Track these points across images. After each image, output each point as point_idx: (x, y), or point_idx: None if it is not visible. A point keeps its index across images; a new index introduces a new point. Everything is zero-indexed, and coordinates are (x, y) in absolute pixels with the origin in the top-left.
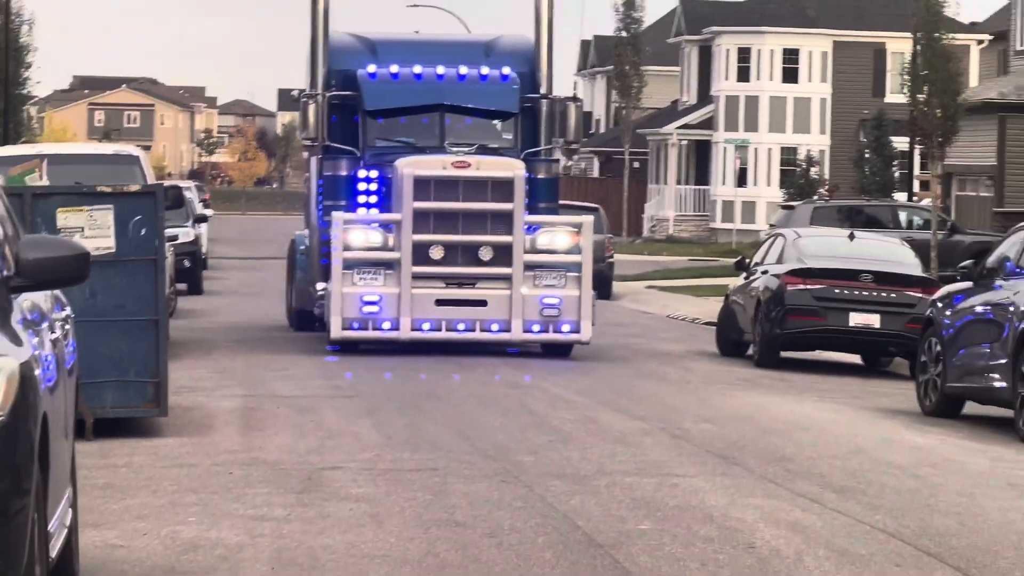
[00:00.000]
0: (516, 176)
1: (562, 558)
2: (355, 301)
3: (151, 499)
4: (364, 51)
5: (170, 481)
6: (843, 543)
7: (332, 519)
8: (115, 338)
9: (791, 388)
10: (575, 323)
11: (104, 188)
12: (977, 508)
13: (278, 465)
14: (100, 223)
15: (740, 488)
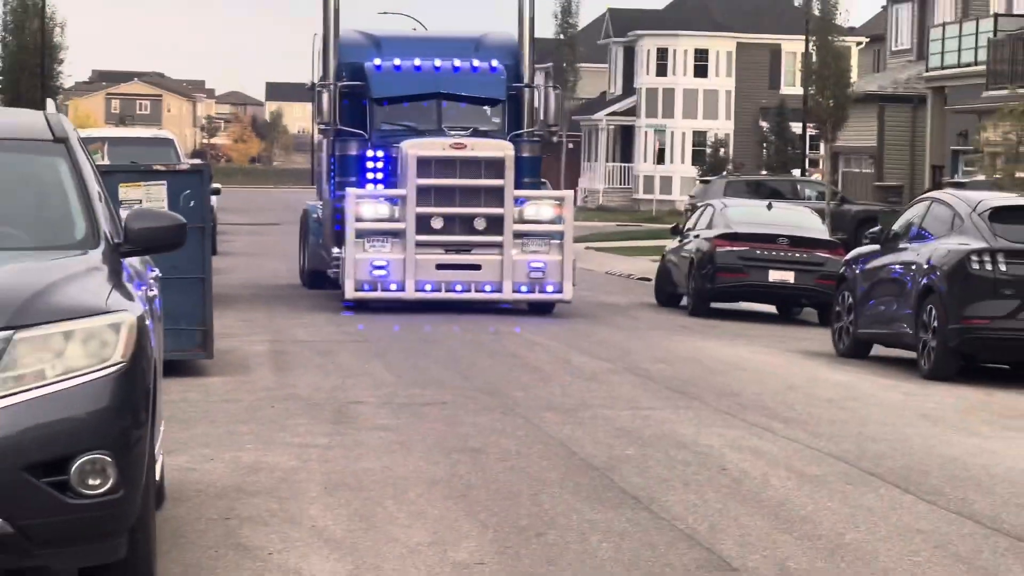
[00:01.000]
0: (506, 156)
1: (567, 479)
2: (366, 266)
3: (210, 429)
4: (370, 46)
5: (223, 414)
6: (799, 465)
7: (366, 446)
8: (169, 293)
9: (723, 333)
10: (558, 284)
11: (159, 167)
12: (901, 435)
13: (311, 400)
14: (155, 196)
15: (702, 419)
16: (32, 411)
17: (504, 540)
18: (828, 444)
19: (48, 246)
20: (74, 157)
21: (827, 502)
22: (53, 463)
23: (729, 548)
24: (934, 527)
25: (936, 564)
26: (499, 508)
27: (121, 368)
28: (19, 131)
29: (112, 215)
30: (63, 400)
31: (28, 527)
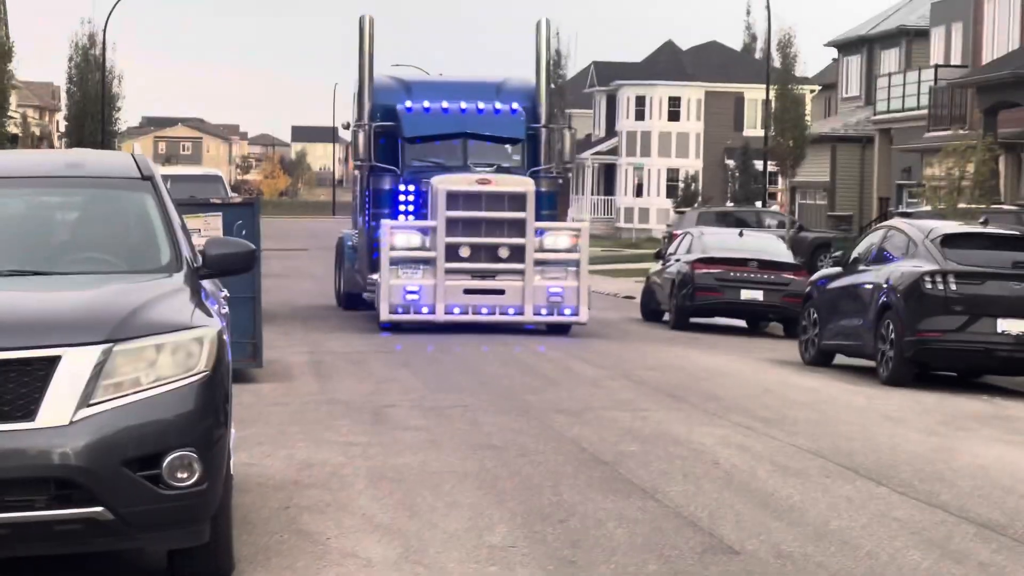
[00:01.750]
0: (528, 191)
1: (580, 472)
2: (399, 291)
3: (264, 429)
4: (401, 90)
5: (274, 416)
6: (782, 461)
7: (402, 444)
8: None
9: (702, 344)
10: (575, 307)
11: (216, 200)
12: (869, 434)
13: (350, 403)
14: (212, 225)
15: (693, 419)
16: (129, 414)
17: (531, 526)
18: (805, 441)
19: (138, 270)
20: (159, 193)
21: (811, 493)
22: (147, 459)
23: (729, 533)
24: (908, 516)
25: (913, 548)
26: (524, 498)
27: (204, 376)
28: (112, 170)
29: (190, 242)
30: (155, 404)
31: (127, 514)
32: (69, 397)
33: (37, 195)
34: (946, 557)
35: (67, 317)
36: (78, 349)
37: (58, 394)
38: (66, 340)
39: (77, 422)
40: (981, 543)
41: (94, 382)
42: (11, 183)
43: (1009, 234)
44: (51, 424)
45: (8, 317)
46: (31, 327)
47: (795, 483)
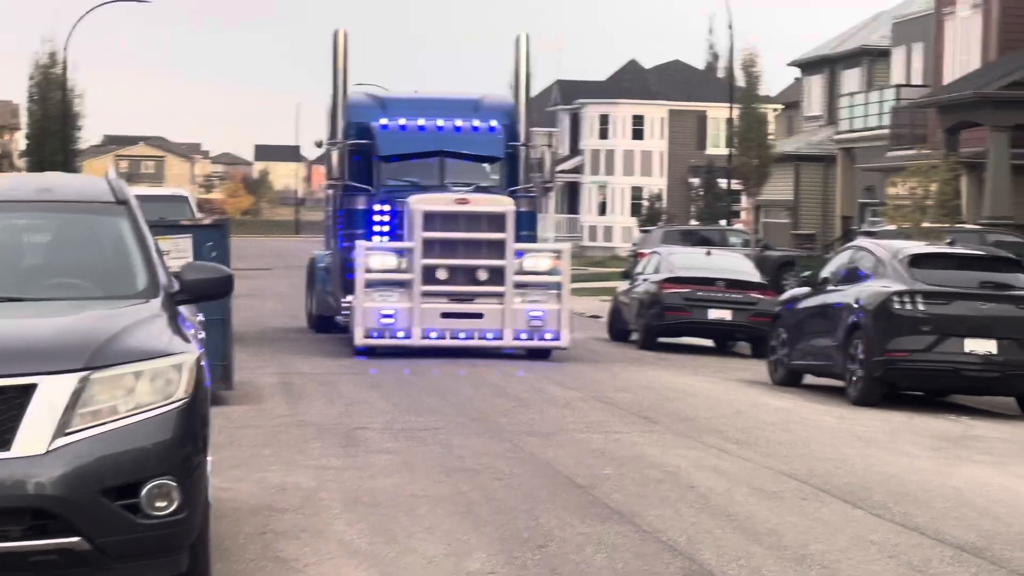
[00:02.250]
0: (508, 211)
1: (556, 495)
2: (375, 314)
3: (237, 452)
4: (376, 107)
5: (246, 439)
6: (757, 483)
7: (376, 467)
8: None
9: (671, 365)
10: (556, 332)
11: (186, 221)
12: (841, 455)
13: (321, 426)
14: (182, 247)
15: (666, 441)
16: (107, 442)
17: (510, 552)
18: (779, 463)
19: (114, 295)
20: (134, 217)
21: (787, 516)
22: (126, 488)
23: (708, 558)
24: (885, 539)
25: (892, 572)
26: (501, 522)
27: (184, 403)
28: (86, 194)
29: (165, 267)
30: (134, 432)
31: (105, 544)
32: (45, 426)
33: (9, 219)
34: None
35: (43, 344)
36: (55, 377)
37: (34, 423)
38: (42, 368)
39: (53, 451)
40: (959, 566)
41: (71, 410)
42: None
43: (976, 254)
44: (27, 453)
45: None
46: (5, 355)
47: (771, 506)
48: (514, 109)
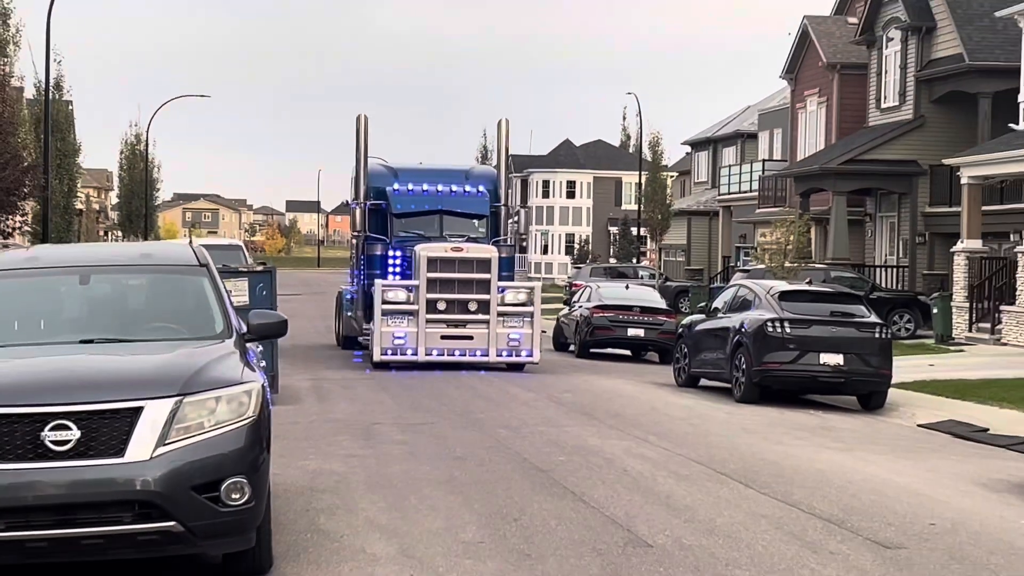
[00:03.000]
0: (493, 257)
1: (524, 477)
2: (389, 336)
3: (281, 444)
4: (389, 174)
5: (288, 433)
6: (673, 467)
7: (390, 455)
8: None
9: (601, 371)
10: (530, 350)
11: (242, 268)
12: (733, 445)
13: (346, 422)
14: (240, 288)
15: (603, 433)
16: (196, 450)
17: (494, 525)
18: (688, 451)
19: (199, 337)
20: (212, 276)
21: (697, 495)
22: (209, 484)
23: (642, 529)
24: (772, 512)
25: (779, 540)
26: (485, 500)
27: (252, 420)
28: (177, 259)
29: (236, 314)
30: (215, 443)
31: (194, 527)
32: (150, 438)
33: (118, 278)
34: (805, 547)
35: (148, 376)
36: (157, 401)
37: (141, 436)
38: (148, 394)
39: (156, 457)
40: (828, 535)
41: (169, 426)
42: (101, 270)
43: (827, 291)
44: (136, 459)
45: (104, 376)
46: (121, 384)
47: (686, 487)
48: (496, 177)
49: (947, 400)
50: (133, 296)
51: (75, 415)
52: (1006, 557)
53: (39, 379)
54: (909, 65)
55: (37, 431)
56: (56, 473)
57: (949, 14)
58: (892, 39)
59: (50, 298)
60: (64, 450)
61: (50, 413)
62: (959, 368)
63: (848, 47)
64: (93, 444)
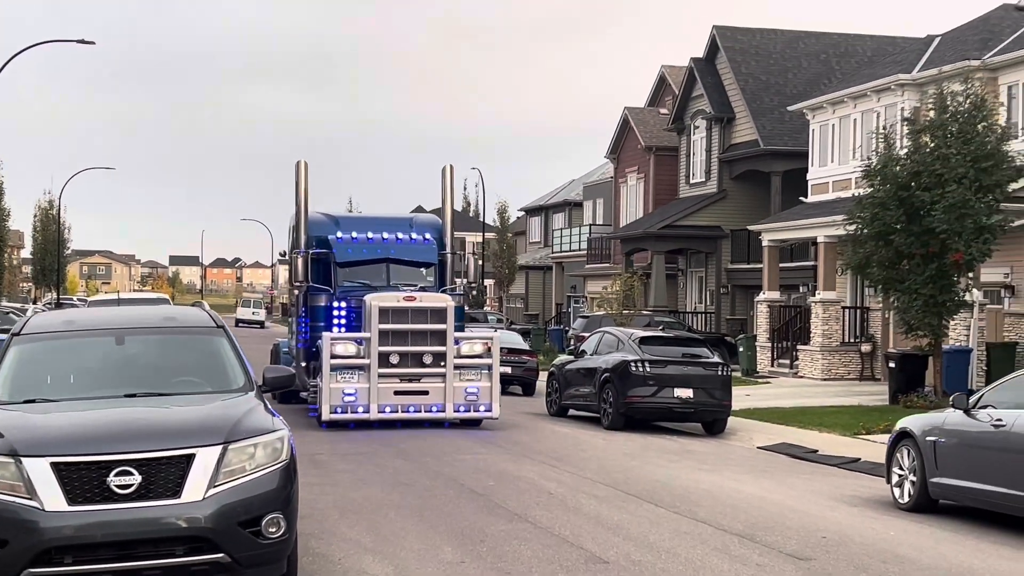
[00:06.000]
0: (449, 306)
1: (469, 501)
2: (339, 393)
3: None
4: (330, 223)
5: None
6: (588, 489)
7: (344, 483)
8: None
9: None
10: (488, 404)
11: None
12: (625, 467)
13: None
14: None
15: (515, 459)
16: (240, 491)
17: (465, 546)
18: (592, 474)
19: (221, 390)
20: (229, 336)
21: (622, 515)
22: (252, 520)
23: (592, 547)
24: (691, 529)
25: (710, 555)
26: (446, 523)
27: (285, 463)
28: (197, 321)
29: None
30: (256, 484)
31: (240, 558)
32: (202, 480)
33: (146, 338)
34: (736, 561)
35: (196, 426)
36: (207, 448)
37: (195, 479)
38: (199, 443)
39: (208, 498)
40: (748, 550)
41: (217, 470)
42: (133, 332)
43: (679, 336)
44: (191, 500)
45: (160, 427)
46: (175, 434)
47: (608, 507)
48: (441, 225)
49: (774, 425)
50: (163, 354)
51: (137, 462)
52: (898, 565)
53: (102, 430)
54: (713, 148)
55: (103, 476)
56: (121, 513)
57: (746, 107)
58: (699, 127)
59: (92, 357)
60: (127, 493)
61: (115, 461)
62: (771, 397)
63: (662, 133)
64: (152, 487)
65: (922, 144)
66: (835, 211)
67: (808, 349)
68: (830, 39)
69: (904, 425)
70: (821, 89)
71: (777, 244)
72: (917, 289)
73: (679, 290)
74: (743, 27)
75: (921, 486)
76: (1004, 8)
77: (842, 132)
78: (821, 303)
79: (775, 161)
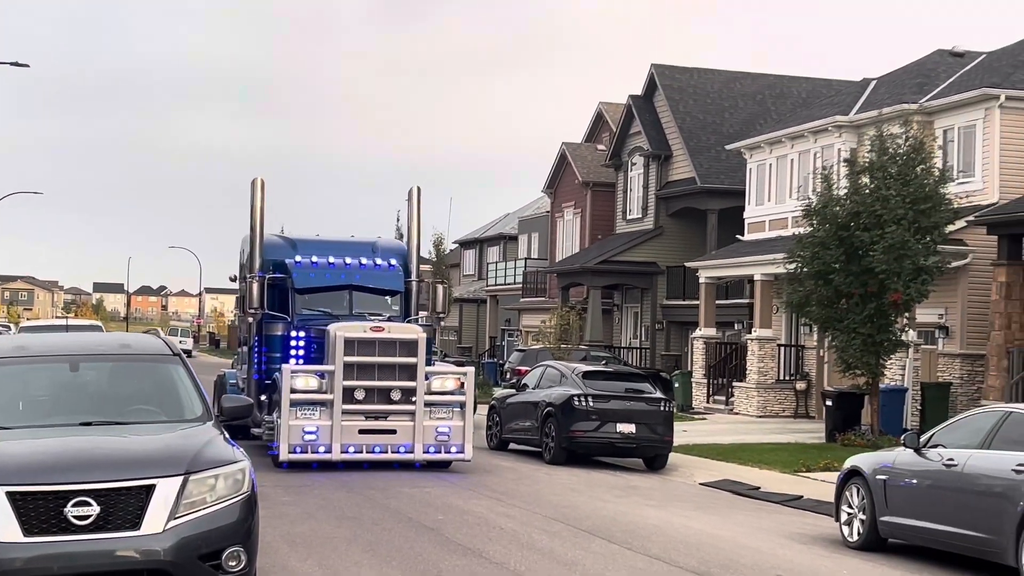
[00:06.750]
0: (420, 338)
1: (419, 535)
2: (298, 431)
3: None
4: (288, 246)
5: None
6: (539, 524)
7: (290, 516)
8: None
9: None
10: (460, 445)
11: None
12: (573, 503)
13: None
14: None
15: (460, 493)
16: (200, 524)
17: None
18: (540, 509)
19: (178, 419)
20: (185, 364)
21: (576, 551)
22: (213, 553)
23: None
24: (647, 566)
25: None
26: (400, 558)
27: (247, 495)
28: (153, 349)
29: (208, 398)
30: (217, 516)
31: None
32: (163, 512)
33: (102, 366)
34: None
35: (156, 457)
36: (167, 479)
37: (154, 510)
38: (159, 473)
39: (168, 530)
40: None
41: (177, 501)
42: (88, 358)
43: (622, 371)
44: (150, 532)
45: (119, 456)
46: (135, 464)
47: (560, 543)
48: (407, 251)
49: (714, 462)
50: (118, 382)
51: (95, 492)
52: None
53: (60, 459)
54: (650, 185)
55: (61, 507)
56: (79, 545)
57: (684, 145)
58: (636, 164)
59: (46, 384)
60: (86, 524)
61: (73, 491)
62: (708, 434)
63: (599, 168)
64: (111, 518)
65: (862, 185)
66: (772, 249)
67: (744, 386)
68: (766, 80)
69: (853, 463)
70: (757, 129)
71: (714, 281)
72: (856, 328)
73: (614, 325)
74: (681, 66)
75: (871, 524)
76: (939, 53)
77: (779, 171)
78: (757, 340)
79: (711, 199)
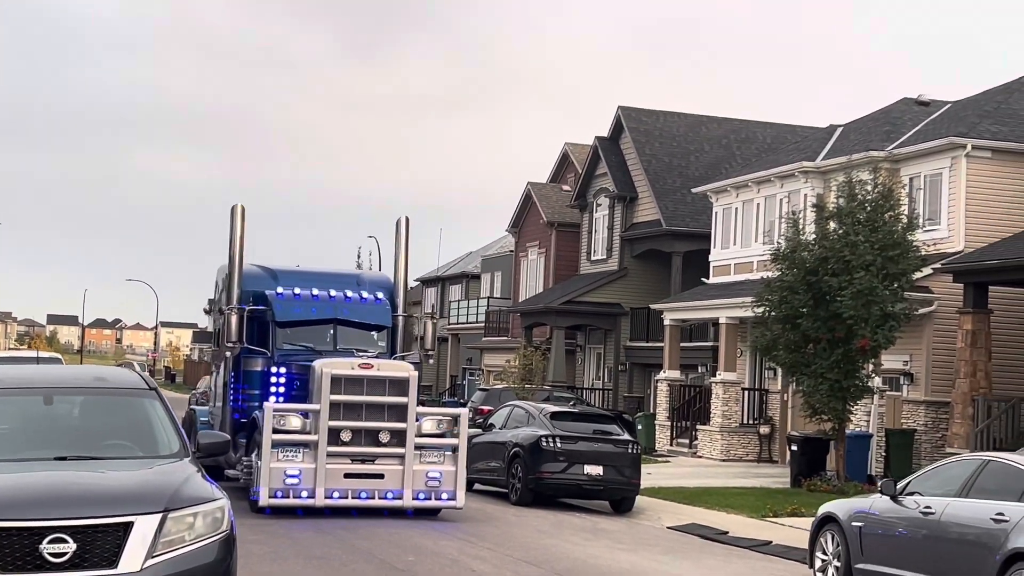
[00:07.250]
0: (411, 376)
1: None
2: (280, 474)
3: None
4: (268, 276)
5: None
6: (512, 567)
7: (258, 555)
8: None
9: None
10: (452, 492)
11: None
12: (544, 545)
13: None
14: None
15: (429, 534)
16: (179, 562)
17: None
18: (511, 551)
19: (154, 455)
20: (162, 398)
21: None
22: None
23: None
24: None
25: None
26: None
27: (226, 534)
28: (128, 383)
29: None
30: (196, 554)
31: None
32: (140, 550)
33: (76, 399)
34: None
35: (135, 493)
36: (146, 516)
37: (132, 548)
38: (138, 510)
39: (146, 568)
40: None
41: (156, 539)
42: (63, 392)
43: (590, 412)
44: (128, 570)
45: (95, 493)
46: (112, 500)
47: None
48: (393, 284)
49: (681, 505)
50: (93, 416)
51: (72, 529)
52: None
53: (35, 494)
54: (615, 226)
55: (36, 544)
56: None
57: (649, 187)
58: (601, 205)
59: (18, 417)
60: (61, 562)
61: (48, 527)
62: (672, 477)
63: (564, 209)
64: (88, 556)
65: (830, 230)
66: (737, 293)
67: (708, 429)
68: (731, 124)
69: (828, 510)
70: (723, 172)
71: (678, 323)
72: (823, 373)
73: (577, 366)
74: (648, 109)
75: (846, 572)
76: (905, 102)
77: (745, 215)
78: (722, 384)
79: (677, 241)
